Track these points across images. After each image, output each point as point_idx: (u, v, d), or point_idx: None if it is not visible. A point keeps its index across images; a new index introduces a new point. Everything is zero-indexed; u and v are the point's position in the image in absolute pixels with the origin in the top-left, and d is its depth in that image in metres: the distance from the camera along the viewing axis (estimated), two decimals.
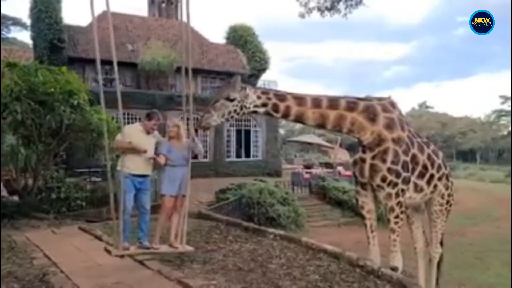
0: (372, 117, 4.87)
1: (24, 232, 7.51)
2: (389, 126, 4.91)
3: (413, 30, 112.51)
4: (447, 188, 5.73)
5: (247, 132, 21.89)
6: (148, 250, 5.27)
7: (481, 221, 17.53)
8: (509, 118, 61.28)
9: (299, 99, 4.74)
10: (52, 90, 9.01)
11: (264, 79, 24.95)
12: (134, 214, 5.44)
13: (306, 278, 4.89)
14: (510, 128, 61.23)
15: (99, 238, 6.68)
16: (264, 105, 4.66)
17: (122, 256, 5.13)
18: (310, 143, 31.30)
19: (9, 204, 9.35)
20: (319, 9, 10.50)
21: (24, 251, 5.98)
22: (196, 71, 22.95)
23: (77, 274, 4.86)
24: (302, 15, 10.62)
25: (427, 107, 79.77)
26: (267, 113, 4.79)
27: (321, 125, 4.93)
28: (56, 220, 8.82)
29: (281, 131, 43.52)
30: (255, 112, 4.79)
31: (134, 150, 5.05)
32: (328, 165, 26.27)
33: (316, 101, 4.78)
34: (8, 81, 9.07)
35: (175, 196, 5.31)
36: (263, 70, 24.66)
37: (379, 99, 5.13)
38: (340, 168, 22.11)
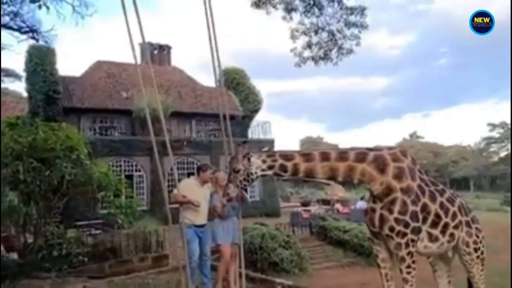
0: (381, 168, 4.97)
1: None
2: (398, 176, 5.00)
3: (397, 63, 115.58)
4: (470, 236, 5.64)
5: None
6: None
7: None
8: (498, 145, 62.28)
9: (307, 155, 4.87)
10: (53, 146, 9.08)
11: (258, 120, 25.30)
12: None
13: None
14: (503, 154, 61.92)
15: None
16: (270, 167, 4.80)
17: None
18: (305, 180, 31.32)
19: (11, 264, 9.18)
20: (313, 59, 11.01)
21: None
22: (190, 115, 23.28)
23: None
24: (298, 65, 11.16)
25: (418, 137, 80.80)
26: (276, 174, 4.92)
27: (332, 178, 5.03)
28: (58, 278, 8.65)
29: None
30: (264, 175, 4.93)
31: (189, 203, 5.56)
32: (325, 201, 26.22)
33: (324, 155, 4.90)
34: (8, 140, 9.14)
35: (230, 244, 5.73)
36: (256, 111, 25.05)
37: (389, 148, 5.26)
38: (338, 205, 22.10)
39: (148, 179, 19.20)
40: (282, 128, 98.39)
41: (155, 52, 27.36)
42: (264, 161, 4.82)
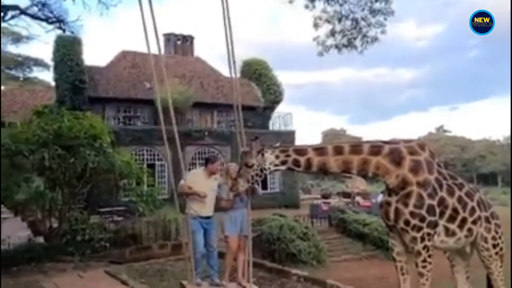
0: (397, 161, 4.92)
1: (52, 277, 7.65)
2: (415, 169, 4.94)
3: (424, 53, 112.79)
4: (489, 231, 5.54)
5: None
6: (219, 287, 5.67)
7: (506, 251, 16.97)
8: None
9: (320, 149, 4.86)
10: (77, 134, 9.35)
11: (279, 111, 25.23)
12: None
13: None
14: None
15: (125, 283, 6.78)
16: (284, 162, 4.82)
17: None
18: (324, 173, 31.14)
19: (37, 247, 9.54)
20: (336, 47, 10.81)
21: None
22: (212, 106, 23.43)
23: None
24: (320, 54, 10.95)
25: (445, 131, 78.98)
26: (289, 169, 4.95)
27: (346, 171, 5.01)
28: (81, 262, 8.95)
29: None
30: (277, 170, 4.96)
31: (195, 194, 5.54)
32: (345, 194, 26.03)
33: (338, 149, 4.89)
34: (35, 127, 9.46)
35: (237, 236, 5.66)
36: (277, 102, 24.98)
37: (407, 141, 5.20)
38: (358, 198, 21.90)
39: (170, 168, 19.50)
40: (304, 120, 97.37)
41: (179, 42, 27.57)
42: (277, 157, 4.84)
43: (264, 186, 21.94)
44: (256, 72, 25.47)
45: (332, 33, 10.92)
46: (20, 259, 8.79)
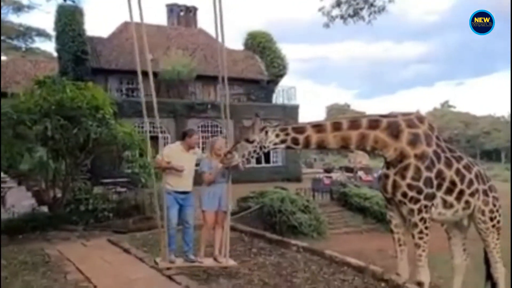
0: (395, 134, 4.92)
1: (56, 244, 7.78)
2: (413, 142, 4.94)
3: (433, 28, 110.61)
4: (486, 204, 5.57)
5: None
6: (194, 264, 5.58)
7: (508, 226, 17.10)
8: None
9: (319, 127, 4.87)
10: (80, 105, 9.33)
11: (283, 85, 25.05)
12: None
13: None
14: None
15: (127, 251, 6.88)
16: (283, 141, 4.88)
17: (169, 268, 5.40)
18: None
19: (40, 216, 9.69)
20: (342, 17, 10.60)
21: (57, 266, 6.21)
22: (215, 79, 23.24)
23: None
24: (326, 25, 10.74)
25: (449, 106, 78.36)
26: (288, 147, 5.01)
27: (344, 147, 5.04)
28: (85, 231, 9.10)
29: None
30: (275, 149, 5.01)
31: (173, 169, 5.35)
32: (348, 169, 26.16)
33: (336, 125, 4.89)
34: (37, 97, 9.45)
35: (215, 211, 5.59)
36: (281, 75, 24.77)
37: (405, 114, 5.17)
38: (360, 173, 22.02)
39: (173, 140, 19.57)
40: (309, 95, 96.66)
41: (181, 13, 27.14)
42: (277, 135, 4.87)
43: (267, 160, 22.04)
44: (260, 45, 25.19)
45: (338, 3, 10.68)
46: (24, 227, 8.94)
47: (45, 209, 10.73)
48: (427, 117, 5.33)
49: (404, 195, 4.96)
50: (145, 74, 5.49)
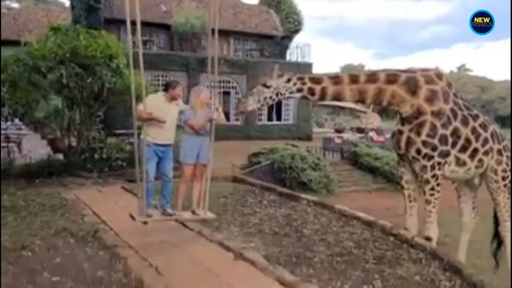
0: (413, 90, 4.86)
1: (72, 189, 8.00)
2: (430, 98, 4.89)
3: None
4: (499, 163, 5.55)
5: None
6: (171, 217, 5.39)
7: None
8: None
9: (336, 78, 4.82)
10: (93, 54, 9.28)
11: (298, 41, 24.52)
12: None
13: (340, 244, 5.10)
14: None
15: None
16: (299, 90, 4.82)
17: (145, 222, 5.24)
18: (342, 107, 30.90)
19: (56, 163, 9.91)
20: None
21: (74, 209, 6.42)
22: (229, 33, 22.82)
23: (124, 232, 5.23)
24: None
25: (466, 70, 76.54)
26: (303, 97, 4.94)
27: (360, 100, 5.02)
28: (99, 178, 9.30)
29: None
30: (290, 97, 4.95)
31: (155, 120, 5.09)
32: (359, 130, 26.00)
33: (354, 78, 4.83)
34: (52, 44, 9.39)
35: (193, 164, 5.36)
36: (296, 31, 24.19)
37: (424, 70, 5.08)
38: (372, 134, 21.90)
39: (185, 94, 19.54)
40: (324, 54, 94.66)
41: None
42: (294, 83, 4.81)
43: (279, 118, 22.00)
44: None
45: None
46: (41, 172, 9.17)
47: (60, 156, 10.95)
48: (445, 73, 5.23)
49: (418, 151, 4.97)
50: (159, 26, 5.22)
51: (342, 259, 4.63)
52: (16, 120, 13.30)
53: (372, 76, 4.85)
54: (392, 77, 4.85)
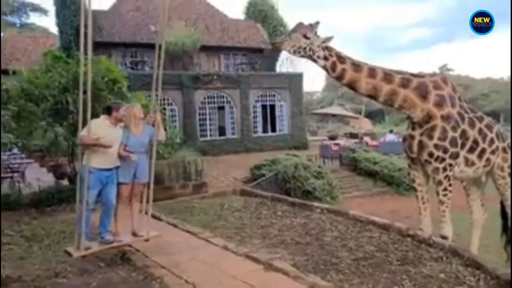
0: (423, 95, 5.10)
1: None
2: (439, 103, 5.14)
3: None
4: (505, 161, 5.81)
5: (272, 107, 22.12)
6: (111, 245, 5.29)
7: None
8: None
9: (356, 66, 4.97)
10: (95, 79, 9.39)
11: (287, 53, 24.87)
12: None
13: (362, 249, 5.28)
14: None
15: (158, 218, 7.16)
16: (325, 58, 4.92)
17: (84, 256, 5.03)
18: (334, 115, 31.33)
19: (64, 188, 9.94)
20: None
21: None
22: (218, 49, 23.10)
23: (152, 252, 5.32)
24: None
25: (448, 69, 77.94)
26: (323, 68, 5.02)
27: (372, 97, 5.17)
28: None
29: None
30: (314, 60, 4.99)
31: (101, 146, 4.98)
32: (352, 135, 26.41)
33: (372, 72, 5.00)
34: (53, 73, 9.51)
35: (130, 183, 5.32)
36: None
37: (431, 75, 5.34)
38: (366, 138, 22.28)
39: (180, 112, 19.67)
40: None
41: None
42: (323, 49, 4.95)
43: (273, 129, 22.22)
44: (261, 13, 24.88)
45: None
46: (51, 199, 9.20)
47: (64, 182, 10.97)
48: (450, 79, 5.51)
49: (431, 154, 5.20)
50: (150, 46, 5.32)
51: (367, 262, 4.81)
52: (15, 150, 13.30)
53: (388, 76, 5.02)
54: (405, 81, 5.07)
